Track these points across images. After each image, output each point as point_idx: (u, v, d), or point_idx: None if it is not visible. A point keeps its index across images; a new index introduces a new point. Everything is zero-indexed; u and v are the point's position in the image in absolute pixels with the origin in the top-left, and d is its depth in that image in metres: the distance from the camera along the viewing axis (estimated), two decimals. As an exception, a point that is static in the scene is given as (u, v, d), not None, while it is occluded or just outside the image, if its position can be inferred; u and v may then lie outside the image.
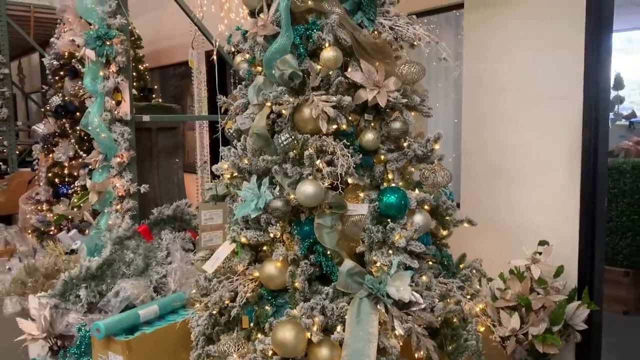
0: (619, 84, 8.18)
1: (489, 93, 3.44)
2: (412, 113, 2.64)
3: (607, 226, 4.48)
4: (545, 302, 2.78)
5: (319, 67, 2.46)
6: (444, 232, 2.81)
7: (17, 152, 7.89)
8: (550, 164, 3.14)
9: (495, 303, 2.94)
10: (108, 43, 3.55)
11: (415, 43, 2.58)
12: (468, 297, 2.66)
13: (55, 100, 5.45)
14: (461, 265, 2.82)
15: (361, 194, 2.53)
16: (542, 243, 3.00)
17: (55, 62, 5.48)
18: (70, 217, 4.41)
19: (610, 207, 4.47)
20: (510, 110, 3.33)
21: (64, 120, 5.44)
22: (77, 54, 4.08)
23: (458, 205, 3.68)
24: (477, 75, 3.49)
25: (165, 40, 6.97)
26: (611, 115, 8.38)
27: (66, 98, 5.44)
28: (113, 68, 3.61)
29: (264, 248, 2.57)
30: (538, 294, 2.83)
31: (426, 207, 2.63)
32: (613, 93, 8.27)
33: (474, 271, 2.82)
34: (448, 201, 2.77)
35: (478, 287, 2.88)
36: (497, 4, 3.33)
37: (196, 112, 5.25)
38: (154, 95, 6.06)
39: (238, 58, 2.90)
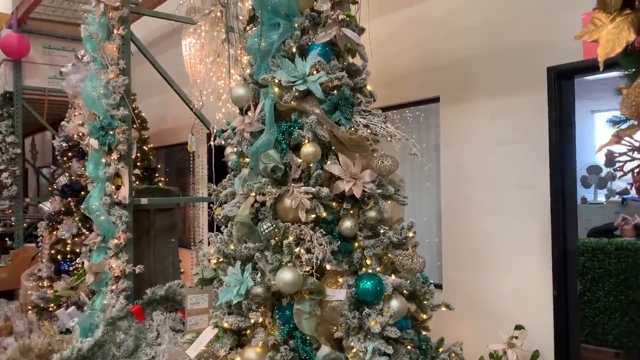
0: (610, 162, 8.35)
1: (464, 182, 3.63)
2: (389, 202, 2.82)
3: (594, 306, 4.54)
4: (522, 387, 2.83)
5: (299, 160, 2.66)
6: (424, 316, 2.90)
7: (25, 225, 8.10)
8: (522, 251, 3.28)
9: (476, 387, 2.97)
10: (111, 133, 3.82)
11: (388, 139, 2.78)
12: (447, 381, 2.72)
13: (63, 179, 5.69)
14: (440, 349, 2.89)
15: (340, 279, 2.65)
16: (518, 327, 3.07)
17: (64, 144, 5.76)
18: (68, 297, 4.54)
19: (597, 288, 4.53)
20: (484, 199, 3.52)
21: (69, 199, 5.65)
22: (83, 140, 4.35)
23: (441, 287, 3.78)
24: (453, 165, 3.70)
25: (171, 121, 7.32)
26: (605, 191, 8.52)
27: (73, 178, 5.68)
28: (114, 156, 3.86)
29: (247, 332, 2.67)
30: (516, 378, 2.88)
31: (404, 292, 2.74)
32: (605, 170, 8.45)
33: (453, 355, 2.89)
34: (426, 285, 2.88)
35: (460, 371, 2.94)
36: (468, 99, 3.59)
37: (194, 192, 5.47)
38: (157, 175, 6.31)
39: (228, 150, 3.13)
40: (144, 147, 6.25)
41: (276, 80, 2.74)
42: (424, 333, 2.90)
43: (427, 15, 3.92)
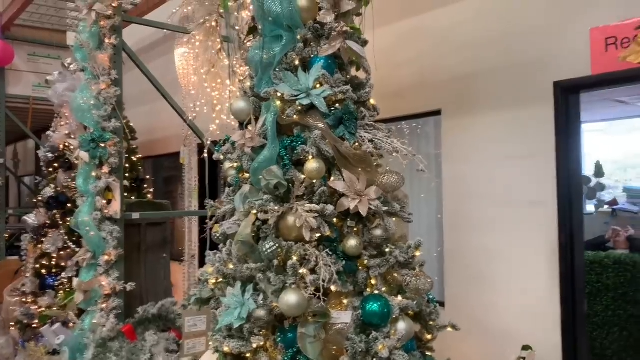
0: (599, 172, 8.40)
1: (467, 196, 3.57)
2: (393, 219, 2.73)
3: (593, 321, 4.49)
4: (531, 410, 2.76)
5: (303, 176, 2.57)
6: (429, 337, 2.81)
7: (7, 236, 7.86)
8: (528, 268, 3.22)
9: (482, 410, 2.89)
10: (102, 145, 3.69)
11: (394, 154, 2.70)
12: (454, 405, 2.64)
13: (48, 191, 5.52)
14: (446, 372, 2.81)
15: (345, 301, 2.55)
16: (526, 348, 3.00)
17: (50, 155, 5.60)
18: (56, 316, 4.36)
19: (595, 302, 4.48)
20: (488, 214, 3.45)
21: (55, 211, 5.49)
22: (70, 148, 4.16)
23: (443, 305, 3.70)
24: (456, 179, 3.64)
25: (160, 131, 7.18)
26: (594, 201, 8.55)
27: (58, 189, 5.52)
28: (105, 169, 3.72)
29: (248, 356, 2.56)
30: (524, 401, 2.80)
31: (410, 312, 2.66)
32: (594, 180, 8.48)
33: (460, 377, 2.81)
34: (431, 305, 2.80)
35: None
36: (472, 113, 3.53)
37: (186, 204, 5.34)
38: (145, 186, 6.15)
39: (227, 165, 3.02)
40: (133, 158, 6.08)
41: (279, 94, 2.64)
42: (428, 354, 2.82)
43: (429, 27, 3.86)
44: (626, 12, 2.78)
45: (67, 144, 5.41)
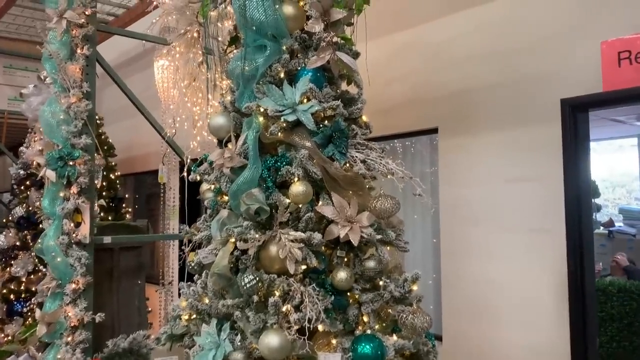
0: (595, 192, 8.23)
1: (467, 221, 3.33)
2: (387, 247, 2.48)
3: (597, 352, 4.23)
4: None
5: (287, 201, 2.31)
6: (426, 379, 2.55)
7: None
8: (534, 299, 2.96)
9: None
10: (71, 163, 3.40)
11: (388, 177, 2.46)
12: None
13: (19, 211, 5.22)
14: (446, 418, 2.54)
15: (334, 341, 2.29)
16: (534, 391, 2.74)
17: (22, 172, 5.31)
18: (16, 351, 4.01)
19: (600, 332, 4.23)
20: (489, 241, 3.20)
21: (26, 232, 5.19)
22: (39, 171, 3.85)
23: (440, 339, 3.43)
24: (453, 203, 3.40)
25: (140, 147, 6.91)
26: (589, 223, 8.37)
27: (30, 209, 5.22)
28: (74, 189, 3.42)
29: (223, 404, 2.27)
30: None
31: (405, 352, 2.40)
32: (589, 201, 8.32)
33: (460, 423, 2.54)
34: (429, 343, 2.54)
35: None
36: (471, 131, 3.30)
37: (165, 226, 5.05)
38: (124, 205, 5.87)
39: (204, 187, 2.76)
40: (111, 176, 5.80)
41: (261, 109, 2.40)
42: (426, 399, 2.55)
43: (426, 41, 3.65)
44: (641, 24, 2.58)
45: (36, 163, 5.12)
